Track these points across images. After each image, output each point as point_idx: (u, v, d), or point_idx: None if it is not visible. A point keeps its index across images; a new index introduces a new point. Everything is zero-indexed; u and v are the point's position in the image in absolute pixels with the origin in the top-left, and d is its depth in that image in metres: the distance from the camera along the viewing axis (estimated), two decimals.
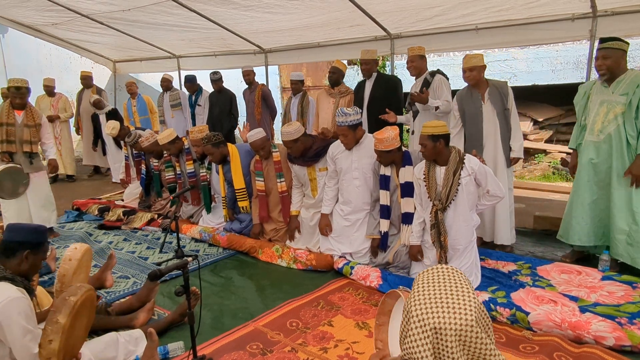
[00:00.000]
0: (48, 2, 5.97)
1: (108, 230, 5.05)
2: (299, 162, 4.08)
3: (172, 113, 7.06)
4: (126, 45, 7.87)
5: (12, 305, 2.01)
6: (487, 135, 3.93)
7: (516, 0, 4.44)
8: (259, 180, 4.32)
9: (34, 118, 4.44)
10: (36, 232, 2.32)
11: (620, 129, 3.34)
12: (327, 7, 5.17)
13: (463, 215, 3.23)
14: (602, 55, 3.37)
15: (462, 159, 3.17)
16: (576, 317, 2.68)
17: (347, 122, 3.63)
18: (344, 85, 5.34)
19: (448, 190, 3.16)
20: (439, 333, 1.27)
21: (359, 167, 3.77)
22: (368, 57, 4.84)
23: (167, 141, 4.94)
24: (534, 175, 7.66)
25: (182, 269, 2.30)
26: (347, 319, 2.97)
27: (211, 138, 4.43)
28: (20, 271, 2.22)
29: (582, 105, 3.62)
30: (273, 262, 4.03)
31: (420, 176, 3.31)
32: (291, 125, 3.92)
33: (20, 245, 2.23)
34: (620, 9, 4.24)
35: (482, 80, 3.90)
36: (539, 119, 8.77)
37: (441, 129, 3.13)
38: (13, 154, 4.38)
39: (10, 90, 4.32)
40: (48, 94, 7.52)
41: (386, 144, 3.40)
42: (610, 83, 3.42)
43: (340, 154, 3.84)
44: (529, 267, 3.55)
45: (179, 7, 5.64)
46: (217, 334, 2.82)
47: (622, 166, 3.36)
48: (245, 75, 6.30)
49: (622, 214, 3.36)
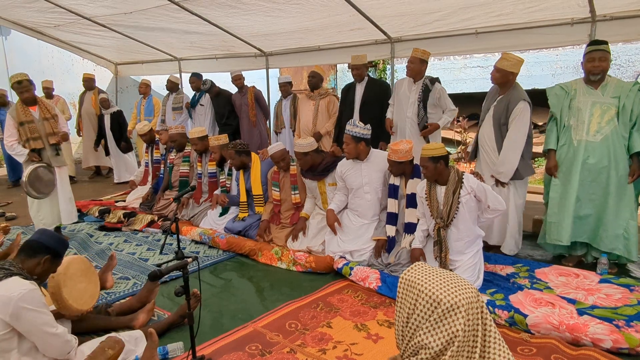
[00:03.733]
0: (51, 4, 6.01)
1: (109, 232, 5.07)
2: (308, 175, 4.28)
3: (174, 115, 7.09)
4: (128, 48, 7.91)
5: (31, 296, 2.08)
6: (483, 136, 3.95)
7: (516, 5, 4.47)
8: (275, 190, 4.52)
9: (49, 110, 4.52)
10: (61, 242, 2.42)
11: (617, 129, 3.43)
12: (328, 10, 5.20)
13: (466, 231, 3.31)
14: (599, 57, 3.43)
15: (460, 178, 3.25)
16: (574, 320, 2.69)
17: (352, 132, 3.81)
18: (323, 88, 5.56)
19: (449, 208, 3.25)
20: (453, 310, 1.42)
21: (370, 181, 3.91)
22: (358, 62, 4.96)
23: (197, 136, 5.13)
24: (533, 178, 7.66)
25: (182, 269, 2.32)
26: (346, 321, 2.98)
27: (237, 145, 4.70)
28: (33, 274, 2.29)
29: (565, 105, 3.63)
30: (272, 264, 4.05)
31: (422, 194, 3.42)
32: (306, 139, 4.16)
33: (44, 249, 2.31)
34: (618, 13, 4.27)
35: (507, 85, 3.76)
36: (538, 123, 8.78)
37: (441, 151, 3.24)
38: (41, 150, 4.46)
39: (14, 87, 4.37)
40: (46, 96, 7.56)
41: (400, 155, 3.53)
42: (596, 86, 3.51)
43: (349, 171, 3.96)
44: (527, 270, 3.57)
45: (180, 10, 5.67)
46: (216, 335, 2.83)
47: (621, 165, 3.45)
48: (236, 80, 6.34)
49: (621, 210, 3.48)
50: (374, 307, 3.15)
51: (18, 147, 4.40)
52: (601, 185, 3.52)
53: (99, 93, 7.80)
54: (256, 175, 4.72)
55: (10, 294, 2.04)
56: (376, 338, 2.77)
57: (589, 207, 3.59)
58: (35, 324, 2.09)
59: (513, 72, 3.71)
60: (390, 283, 3.34)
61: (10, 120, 4.38)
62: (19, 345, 2.12)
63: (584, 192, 3.59)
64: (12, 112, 4.40)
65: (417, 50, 4.50)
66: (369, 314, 3.06)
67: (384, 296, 3.30)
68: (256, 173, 4.72)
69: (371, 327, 2.90)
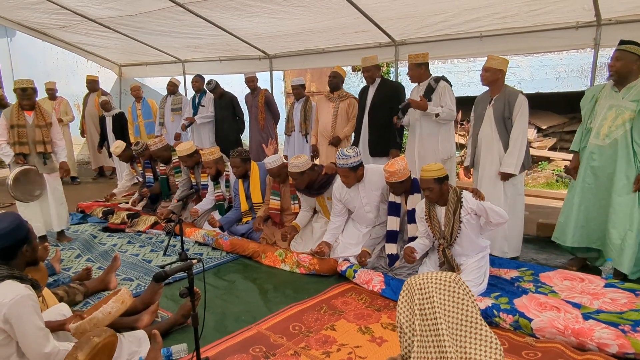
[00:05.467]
0: (56, 5, 6.04)
1: (112, 233, 5.07)
2: (306, 193, 4.22)
3: (172, 117, 7.11)
4: (132, 50, 7.93)
5: (22, 302, 2.02)
6: (482, 138, 3.96)
7: (521, 7, 4.46)
8: (275, 199, 4.47)
9: (45, 118, 4.46)
10: (17, 227, 2.21)
11: (627, 134, 3.33)
12: (332, 13, 5.21)
13: (470, 246, 3.31)
14: (615, 56, 3.35)
15: (459, 197, 3.22)
16: (579, 324, 2.67)
17: (348, 164, 3.67)
18: (343, 90, 5.43)
19: (450, 229, 3.23)
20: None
21: (370, 201, 3.87)
22: (368, 63, 4.85)
23: (186, 154, 4.99)
24: (537, 182, 7.65)
25: (186, 271, 2.32)
26: (350, 324, 2.97)
27: (242, 153, 4.64)
28: (29, 263, 2.26)
29: (589, 108, 3.59)
30: (276, 266, 4.04)
31: (422, 215, 3.38)
32: (299, 158, 4.02)
33: (15, 247, 2.20)
34: (624, 17, 4.26)
35: (497, 84, 3.85)
36: (542, 127, 8.77)
37: (443, 171, 3.20)
38: (27, 155, 4.40)
39: (17, 92, 4.34)
40: (50, 98, 7.60)
41: (399, 176, 3.46)
42: (620, 88, 3.40)
43: (348, 195, 3.91)
44: (532, 274, 3.55)
45: (185, 12, 5.69)
46: (220, 337, 2.83)
47: (627, 172, 3.35)
48: (249, 81, 6.35)
49: (621, 219, 3.38)
50: (378, 310, 3.14)
51: (6, 148, 4.36)
52: (605, 191, 3.46)
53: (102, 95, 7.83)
54: (255, 183, 4.66)
55: (2, 300, 1.99)
56: (380, 341, 2.76)
57: (594, 212, 3.55)
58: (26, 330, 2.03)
59: (501, 69, 3.83)
60: (394, 286, 3.33)
61: (3, 120, 4.36)
62: (18, 349, 2.09)
63: (586, 196, 3.56)
64: (6, 113, 4.38)
65: (411, 55, 4.51)
66: (373, 316, 3.05)
67: (388, 299, 3.29)
68: (255, 181, 4.66)
69: (375, 330, 2.89)
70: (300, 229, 4.30)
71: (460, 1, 4.55)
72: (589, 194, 3.57)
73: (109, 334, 2.13)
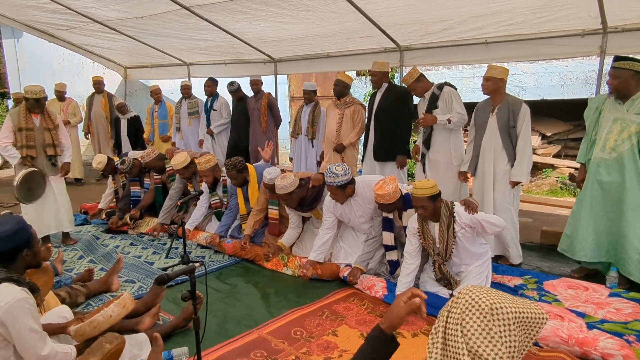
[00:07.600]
0: (62, 7, 6.07)
1: (115, 235, 5.08)
2: (299, 209, 4.14)
3: (189, 120, 7.07)
4: (138, 52, 7.97)
5: (18, 306, 2.01)
6: (485, 147, 3.95)
7: (526, 15, 4.45)
8: (274, 209, 4.39)
9: (52, 120, 4.43)
10: (19, 231, 2.20)
11: (633, 148, 3.30)
12: (338, 17, 5.22)
13: (469, 255, 3.30)
14: (612, 74, 3.36)
15: (452, 213, 3.19)
16: (583, 334, 2.65)
17: (335, 182, 3.57)
18: (350, 96, 5.38)
19: (445, 245, 3.21)
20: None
21: (364, 214, 3.83)
22: (376, 68, 4.85)
23: (181, 167, 4.84)
24: (541, 189, 7.63)
25: (189, 274, 2.31)
26: (352, 329, 2.96)
27: (236, 165, 4.46)
28: (30, 266, 2.26)
29: (594, 119, 3.57)
30: (278, 270, 4.03)
31: (415, 232, 3.33)
32: (285, 179, 3.87)
33: (15, 250, 2.19)
34: (630, 25, 4.25)
35: (498, 93, 3.87)
36: (547, 134, 8.76)
37: (435, 188, 3.16)
38: (34, 158, 4.35)
39: (29, 101, 4.26)
40: (58, 99, 7.62)
41: (387, 199, 3.36)
42: (624, 100, 3.38)
43: (342, 209, 3.85)
44: (535, 282, 3.53)
45: (191, 15, 5.71)
46: (221, 341, 2.81)
47: (636, 186, 3.31)
48: (254, 84, 6.34)
49: (637, 233, 3.31)
50: (380, 316, 3.13)
51: (12, 149, 4.29)
52: (613, 205, 3.42)
53: (109, 96, 7.85)
54: (254, 187, 4.59)
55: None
56: None
57: (602, 225, 3.52)
58: (22, 333, 2.02)
59: (502, 78, 3.85)
60: (396, 292, 3.31)
61: (9, 122, 4.29)
62: (15, 352, 2.07)
63: (595, 210, 3.52)
64: (12, 115, 4.32)
65: (403, 79, 4.55)
66: (375, 322, 3.02)
67: (390, 305, 3.26)
68: (254, 185, 4.59)
69: None
70: (286, 248, 4.19)
71: (466, 9, 4.56)
72: (598, 208, 3.53)
73: (120, 341, 2.15)
